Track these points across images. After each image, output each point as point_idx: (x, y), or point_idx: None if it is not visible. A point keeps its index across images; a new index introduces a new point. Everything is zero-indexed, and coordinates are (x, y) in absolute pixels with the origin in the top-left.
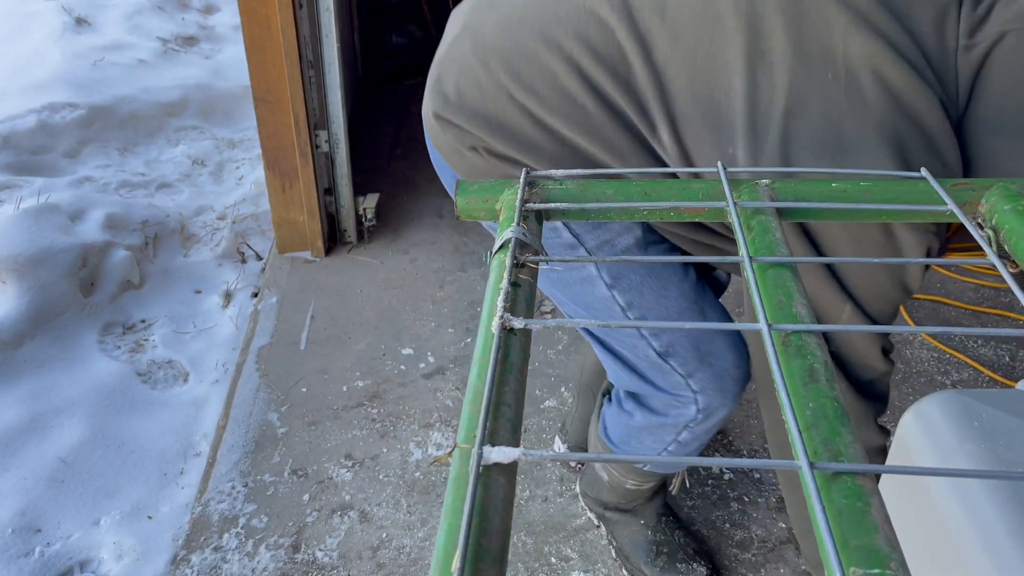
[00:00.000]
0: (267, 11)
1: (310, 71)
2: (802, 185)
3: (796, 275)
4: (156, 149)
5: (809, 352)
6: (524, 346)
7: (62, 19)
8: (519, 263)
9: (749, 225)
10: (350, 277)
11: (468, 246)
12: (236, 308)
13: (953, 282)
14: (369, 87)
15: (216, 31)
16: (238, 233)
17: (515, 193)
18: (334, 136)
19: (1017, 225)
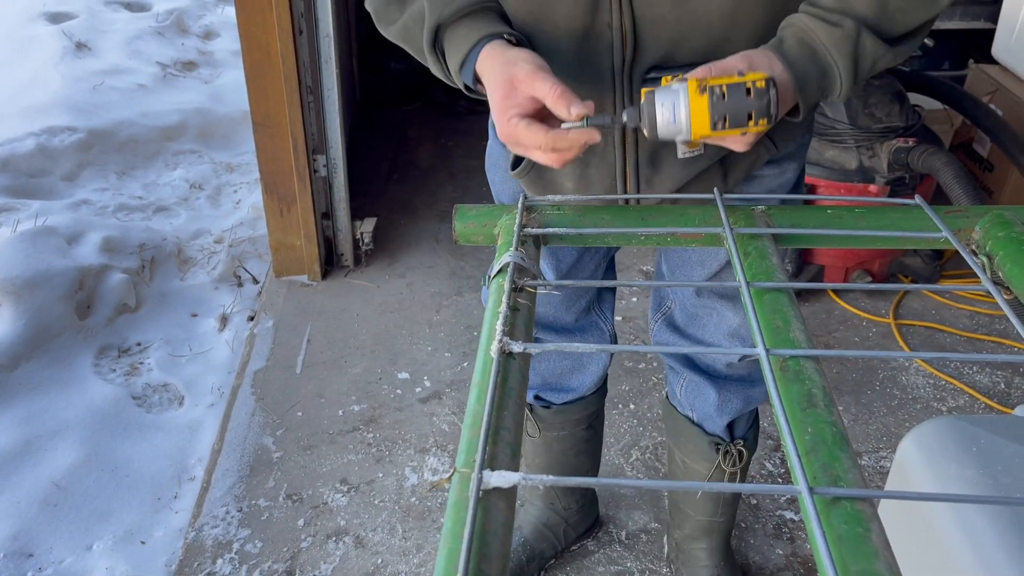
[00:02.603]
0: (267, 38)
1: (309, 96)
2: (798, 212)
3: (793, 300)
4: (154, 173)
5: (807, 377)
6: (523, 370)
7: (62, 43)
8: (517, 287)
9: (746, 251)
10: (347, 301)
11: (465, 270)
12: (232, 331)
13: (948, 309)
14: (367, 112)
15: (215, 56)
16: (235, 257)
17: (513, 218)
18: (332, 161)
19: (1011, 252)
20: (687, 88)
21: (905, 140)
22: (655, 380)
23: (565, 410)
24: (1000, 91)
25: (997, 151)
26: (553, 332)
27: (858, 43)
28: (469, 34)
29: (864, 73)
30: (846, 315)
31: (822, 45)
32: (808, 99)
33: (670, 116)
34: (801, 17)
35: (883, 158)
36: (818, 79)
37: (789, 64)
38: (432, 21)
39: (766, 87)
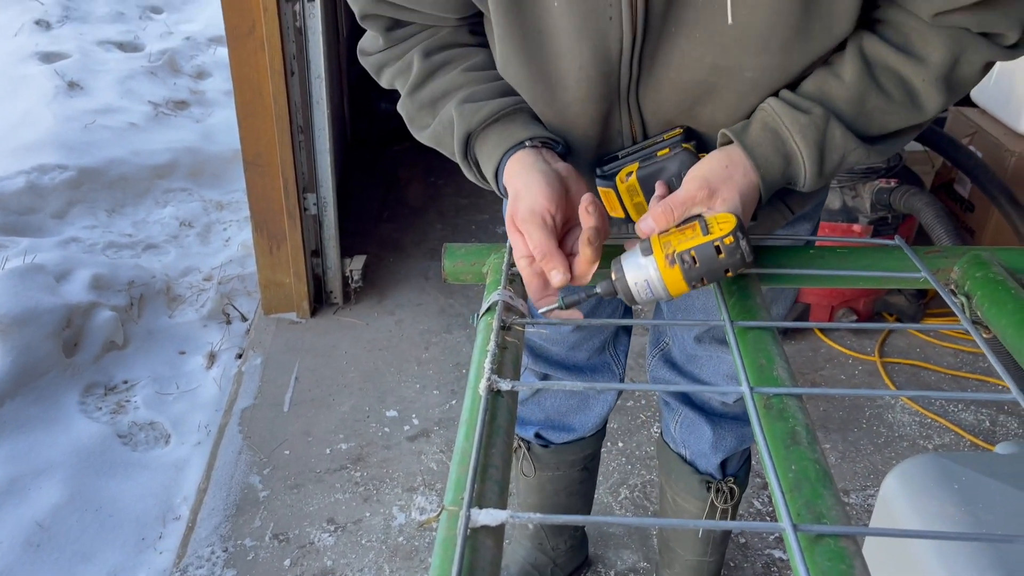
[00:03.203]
0: (259, 79)
1: (300, 136)
2: (782, 252)
3: (776, 339)
4: (144, 210)
5: (791, 415)
6: (511, 408)
7: (55, 83)
8: (506, 326)
9: (731, 289)
10: (335, 338)
11: (454, 307)
12: (220, 369)
13: (932, 347)
14: (358, 152)
15: (207, 96)
16: (224, 294)
17: (501, 257)
18: (322, 199)
19: (989, 292)
20: (656, 263)
21: (887, 181)
22: (643, 418)
23: (563, 450)
24: (979, 133)
25: (978, 192)
26: (564, 370)
27: (826, 132)
28: (499, 143)
29: (832, 164)
30: (832, 353)
31: (787, 130)
32: (770, 186)
33: (646, 289)
34: (773, 101)
35: (866, 198)
36: (781, 165)
37: (749, 149)
38: (462, 131)
39: (735, 242)
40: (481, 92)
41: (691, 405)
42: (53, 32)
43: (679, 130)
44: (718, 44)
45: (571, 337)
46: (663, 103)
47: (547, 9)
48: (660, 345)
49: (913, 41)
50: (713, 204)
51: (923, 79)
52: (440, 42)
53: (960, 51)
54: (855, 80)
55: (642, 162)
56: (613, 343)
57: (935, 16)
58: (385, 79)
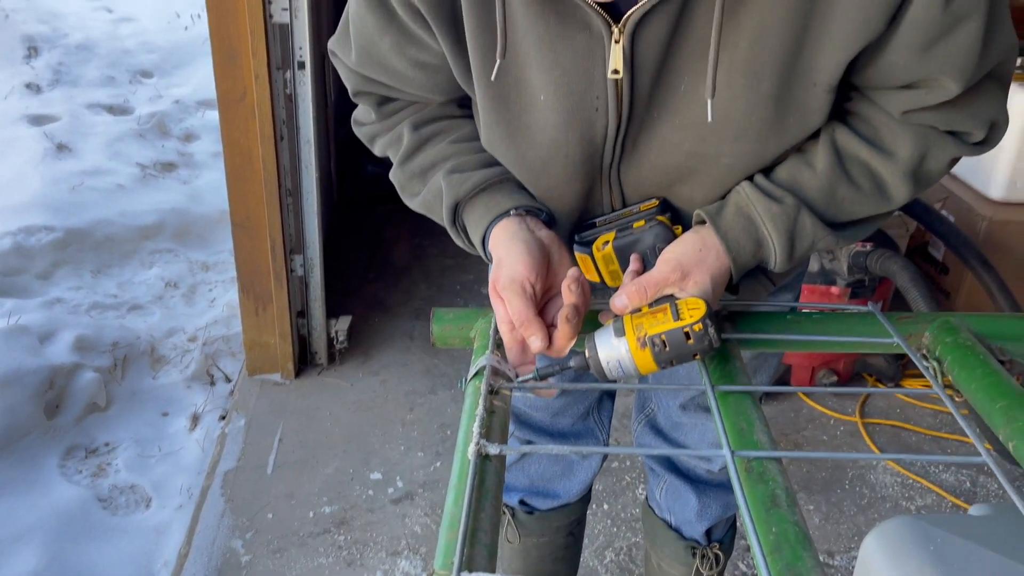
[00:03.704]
0: (249, 143)
1: (288, 199)
2: (760, 317)
3: (756, 403)
4: (130, 271)
5: (771, 478)
6: (499, 472)
7: (43, 145)
8: (493, 390)
9: (711, 354)
10: (320, 399)
11: (439, 367)
12: (203, 431)
13: (912, 407)
14: (345, 212)
15: (195, 158)
16: (208, 355)
17: (488, 321)
18: (309, 260)
19: (959, 357)
20: (627, 344)
21: (863, 244)
22: (628, 479)
23: (548, 516)
24: (951, 198)
25: (952, 255)
26: (548, 436)
27: (796, 221)
28: (485, 212)
29: (801, 251)
30: (814, 414)
31: (759, 217)
32: (741, 268)
33: (617, 368)
34: (746, 186)
35: (843, 261)
36: (752, 249)
37: (722, 234)
38: (450, 200)
39: (704, 329)
40: (468, 163)
41: (676, 472)
42: (43, 95)
43: (655, 202)
44: (697, 132)
45: (555, 403)
46: (643, 181)
47: (533, 103)
48: (646, 411)
49: (883, 136)
50: (685, 286)
51: (891, 172)
52: (429, 115)
53: (927, 147)
54: (826, 170)
55: (619, 232)
56: (597, 409)
57: (904, 113)
58: (378, 148)
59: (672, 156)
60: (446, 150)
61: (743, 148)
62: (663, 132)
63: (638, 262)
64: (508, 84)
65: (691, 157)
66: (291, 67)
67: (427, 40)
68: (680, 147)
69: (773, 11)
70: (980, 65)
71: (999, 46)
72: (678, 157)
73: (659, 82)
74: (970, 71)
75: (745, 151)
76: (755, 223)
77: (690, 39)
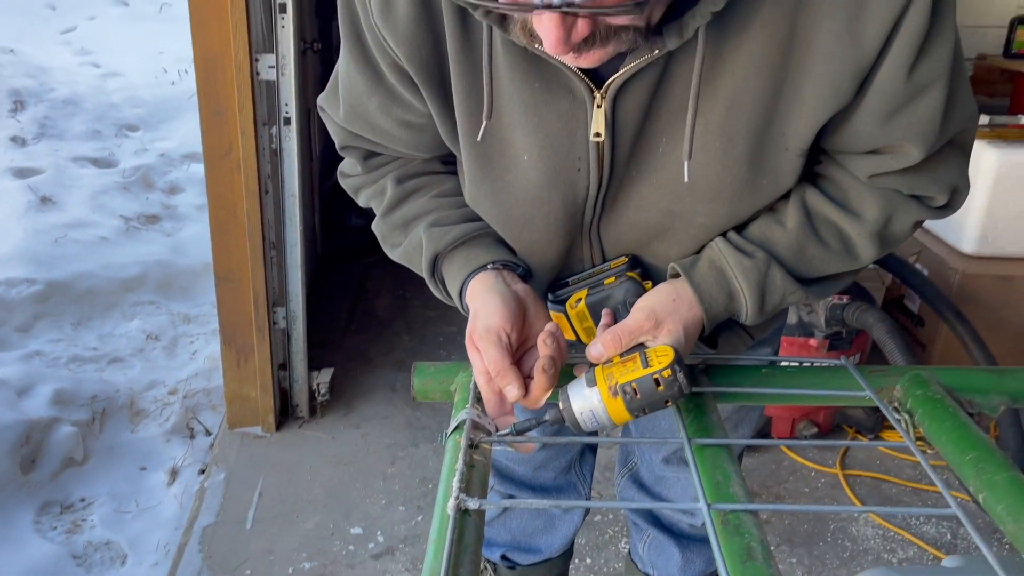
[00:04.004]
0: (234, 197)
1: (272, 252)
2: (735, 370)
3: (732, 456)
4: (111, 324)
5: (746, 531)
6: (479, 527)
7: (27, 198)
8: (473, 444)
9: (688, 407)
10: (300, 453)
11: (420, 420)
12: (182, 485)
13: (892, 459)
14: (327, 264)
15: (179, 210)
16: (188, 408)
17: (469, 375)
18: (292, 313)
19: (929, 410)
20: (599, 394)
21: (840, 297)
22: (611, 533)
23: (530, 571)
24: (924, 251)
25: (927, 307)
26: (530, 491)
27: (767, 275)
28: (464, 265)
29: (772, 304)
30: (795, 466)
31: (731, 271)
32: (713, 319)
33: (591, 418)
34: (720, 241)
35: (821, 314)
36: (724, 302)
37: (695, 285)
38: (430, 252)
39: (673, 375)
40: (449, 217)
41: (659, 526)
42: (28, 148)
43: (624, 259)
44: (673, 191)
45: (537, 457)
46: (622, 237)
47: (516, 163)
48: (628, 465)
49: (851, 198)
50: (658, 334)
51: (858, 232)
52: (412, 170)
53: (893, 210)
54: (796, 229)
55: (590, 289)
56: (579, 462)
57: (870, 177)
58: (362, 200)
59: (650, 214)
60: (428, 204)
61: (718, 208)
62: (641, 191)
63: (609, 316)
64: (493, 145)
65: (668, 215)
66: (277, 123)
67: (413, 102)
68: (657, 205)
69: (748, 78)
70: (941, 133)
71: (959, 115)
72: (656, 215)
73: (638, 144)
74: (932, 138)
75: (720, 211)
76: (727, 276)
77: (668, 103)
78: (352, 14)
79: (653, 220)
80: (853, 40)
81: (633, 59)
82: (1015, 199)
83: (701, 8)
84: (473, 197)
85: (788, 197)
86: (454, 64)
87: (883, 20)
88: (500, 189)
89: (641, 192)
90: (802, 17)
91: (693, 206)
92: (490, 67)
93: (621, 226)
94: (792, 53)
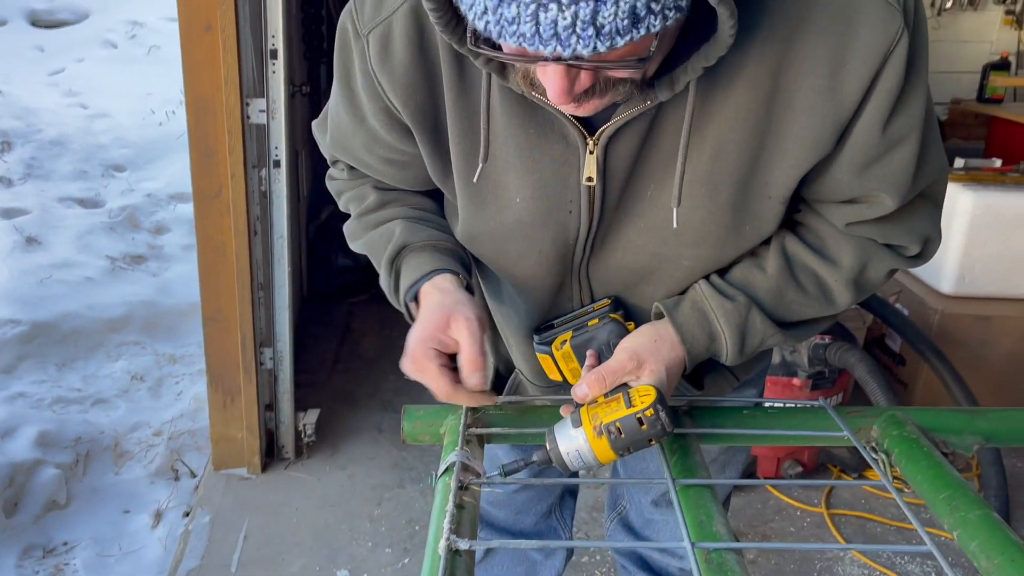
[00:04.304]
0: (223, 238)
1: (260, 292)
2: (718, 411)
3: (715, 496)
4: (95, 364)
5: (729, 569)
6: (469, 567)
7: (13, 238)
8: (463, 485)
9: (672, 448)
10: (286, 495)
11: (407, 461)
12: (166, 528)
13: (876, 498)
14: (314, 304)
15: (165, 251)
16: (173, 450)
17: (458, 418)
18: (279, 354)
19: (905, 449)
20: (585, 434)
21: (822, 337)
22: (599, 575)
23: None
24: (904, 292)
25: (908, 346)
26: (510, 535)
27: (747, 318)
28: (431, 260)
29: (752, 347)
30: (781, 505)
31: (713, 313)
32: (694, 359)
33: (577, 458)
34: (702, 284)
35: (803, 354)
36: (706, 342)
37: (678, 326)
38: (400, 241)
39: (655, 414)
40: (426, 221)
41: (648, 570)
42: (14, 189)
43: (607, 301)
44: (660, 235)
45: (517, 500)
46: (610, 278)
47: (510, 204)
48: (618, 509)
49: (828, 246)
50: (641, 374)
51: (835, 279)
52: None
53: (867, 258)
54: (776, 274)
55: (575, 331)
56: (559, 507)
57: (847, 225)
58: (342, 202)
59: (637, 256)
60: (406, 212)
61: (702, 252)
62: (629, 234)
63: (594, 357)
64: (488, 186)
65: (654, 258)
66: (267, 165)
67: (396, 143)
68: (644, 248)
69: (734, 129)
70: (914, 184)
71: (931, 168)
72: (642, 257)
73: (627, 188)
74: (905, 188)
75: (704, 254)
76: (708, 318)
77: (657, 151)
78: (347, 56)
79: (640, 262)
80: (833, 96)
81: (626, 108)
82: (991, 240)
83: (693, 63)
84: (467, 234)
85: (769, 243)
86: (450, 108)
87: (862, 77)
88: (494, 228)
89: (628, 235)
90: (785, 74)
91: (678, 250)
92: (487, 112)
93: (609, 267)
94: (776, 107)
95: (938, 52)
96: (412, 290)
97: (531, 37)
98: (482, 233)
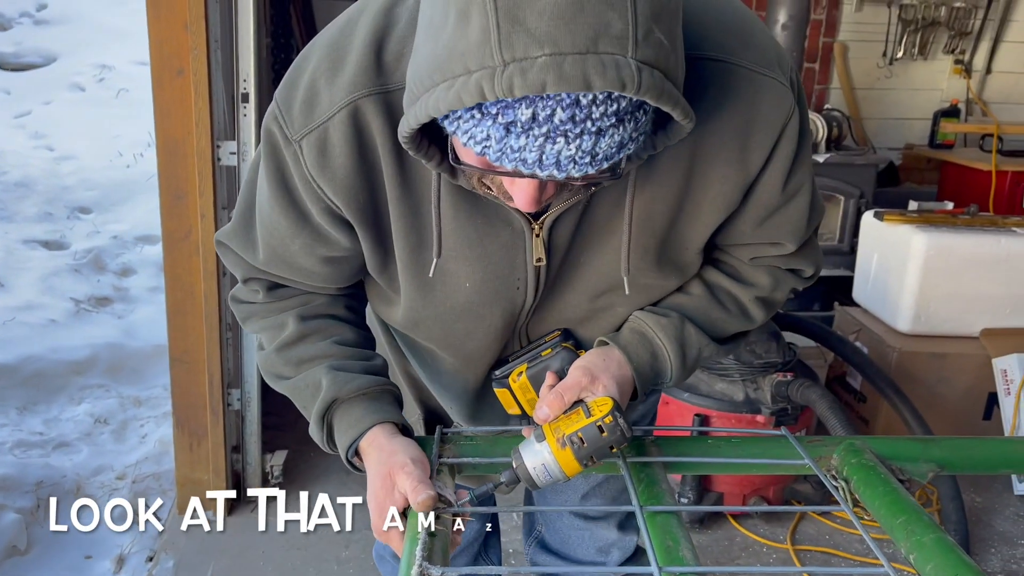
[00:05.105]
0: (192, 279)
1: (228, 333)
2: (683, 441)
3: (682, 522)
4: (57, 408)
5: None
6: None
7: None
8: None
9: (639, 477)
10: (252, 538)
11: None
12: (129, 574)
13: (841, 533)
14: None
15: (130, 292)
16: (137, 493)
17: (430, 449)
18: (247, 395)
19: (863, 477)
20: (549, 447)
21: (784, 375)
22: None
23: None
24: (863, 330)
25: (868, 383)
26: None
27: (683, 331)
28: (364, 416)
29: (692, 358)
30: (747, 542)
31: (651, 330)
32: (642, 377)
33: (544, 472)
34: (638, 312)
35: (766, 391)
36: (649, 360)
37: (622, 347)
38: (330, 395)
39: (614, 420)
40: (352, 366)
41: None
42: None
43: (558, 332)
44: (595, 293)
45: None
46: (550, 330)
47: (459, 289)
48: (534, 534)
49: (742, 273)
50: (595, 389)
51: (750, 298)
52: (316, 310)
53: (776, 281)
54: (700, 296)
55: (529, 363)
56: (484, 550)
57: (751, 259)
58: (252, 327)
59: (575, 312)
60: (329, 348)
61: (634, 299)
62: (567, 297)
63: (553, 377)
64: (436, 275)
65: (590, 311)
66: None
67: (340, 239)
68: (581, 306)
69: (656, 200)
70: (808, 228)
71: (817, 213)
72: (580, 312)
73: (567, 259)
74: (802, 232)
75: (636, 301)
76: (648, 336)
77: (592, 225)
78: (278, 160)
79: (577, 315)
80: (742, 165)
81: (571, 195)
82: (944, 280)
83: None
84: (411, 319)
85: None
86: (394, 204)
87: (764, 147)
88: (443, 312)
89: (567, 298)
90: (701, 148)
91: (612, 301)
92: (438, 210)
93: (549, 323)
94: (694, 177)
95: (891, 100)
96: (351, 450)
97: (532, 163)
98: (428, 317)
